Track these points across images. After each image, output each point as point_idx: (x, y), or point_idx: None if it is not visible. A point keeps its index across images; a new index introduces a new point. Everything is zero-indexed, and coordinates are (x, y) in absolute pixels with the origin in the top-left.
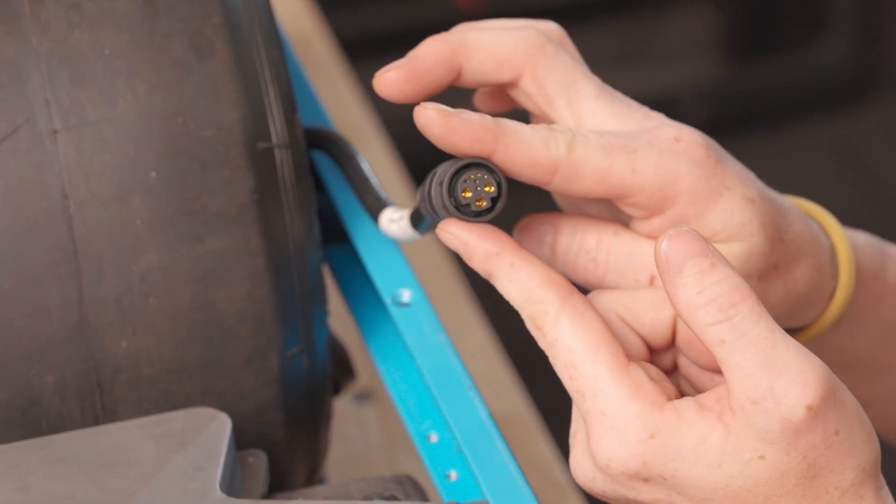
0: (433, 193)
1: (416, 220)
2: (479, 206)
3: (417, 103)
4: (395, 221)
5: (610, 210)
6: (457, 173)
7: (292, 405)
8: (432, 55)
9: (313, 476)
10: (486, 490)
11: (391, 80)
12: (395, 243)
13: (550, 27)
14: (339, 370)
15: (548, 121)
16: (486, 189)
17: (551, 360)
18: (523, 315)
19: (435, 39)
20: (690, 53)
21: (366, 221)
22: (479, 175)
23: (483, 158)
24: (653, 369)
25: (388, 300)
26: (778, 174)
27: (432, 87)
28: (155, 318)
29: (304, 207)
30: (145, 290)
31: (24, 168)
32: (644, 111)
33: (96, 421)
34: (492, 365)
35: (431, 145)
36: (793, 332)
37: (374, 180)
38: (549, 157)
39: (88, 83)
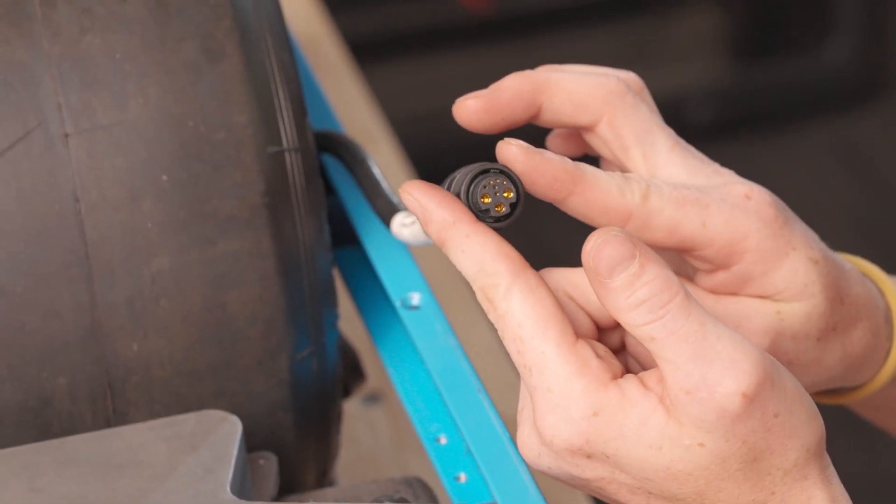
0: None
1: None
2: (499, 211)
3: (497, 136)
4: (406, 226)
5: (675, 262)
6: (475, 179)
7: (302, 407)
8: (514, 89)
9: (323, 478)
10: (496, 492)
11: (471, 108)
12: (405, 247)
13: (631, 77)
14: (349, 372)
15: (621, 169)
16: (506, 195)
17: (500, 333)
18: (475, 287)
19: (518, 75)
20: (696, 54)
21: (376, 225)
22: (498, 181)
23: (502, 165)
24: (600, 347)
25: (397, 303)
26: (783, 175)
27: (510, 121)
28: (166, 321)
29: (314, 211)
30: (157, 292)
31: (37, 171)
32: (715, 167)
33: (107, 423)
34: (499, 366)
35: (440, 148)
36: (847, 391)
37: (384, 184)
38: (623, 205)
39: (100, 87)
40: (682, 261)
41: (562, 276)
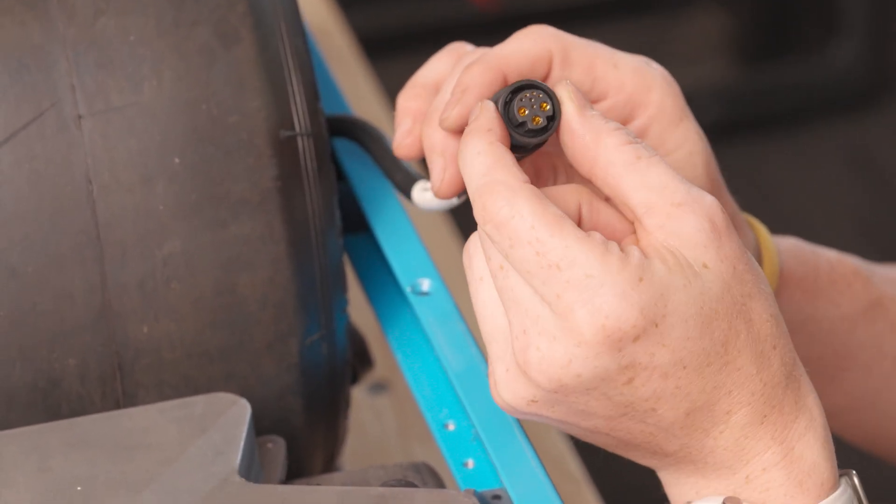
0: None
1: None
2: (536, 123)
3: None
4: (428, 190)
5: None
6: (513, 94)
7: (312, 392)
8: (481, 80)
9: (331, 464)
10: (505, 478)
11: (456, 117)
12: (415, 233)
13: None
14: (357, 358)
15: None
16: (542, 107)
17: (504, 242)
18: (480, 190)
19: (473, 67)
20: (703, 56)
21: (386, 211)
22: (534, 94)
23: (538, 81)
24: (596, 233)
25: (407, 289)
26: (789, 176)
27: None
28: (177, 303)
29: (325, 195)
30: (168, 275)
31: (50, 152)
32: None
33: (117, 405)
34: None
35: None
36: None
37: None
38: (544, 45)
39: (114, 69)
40: None
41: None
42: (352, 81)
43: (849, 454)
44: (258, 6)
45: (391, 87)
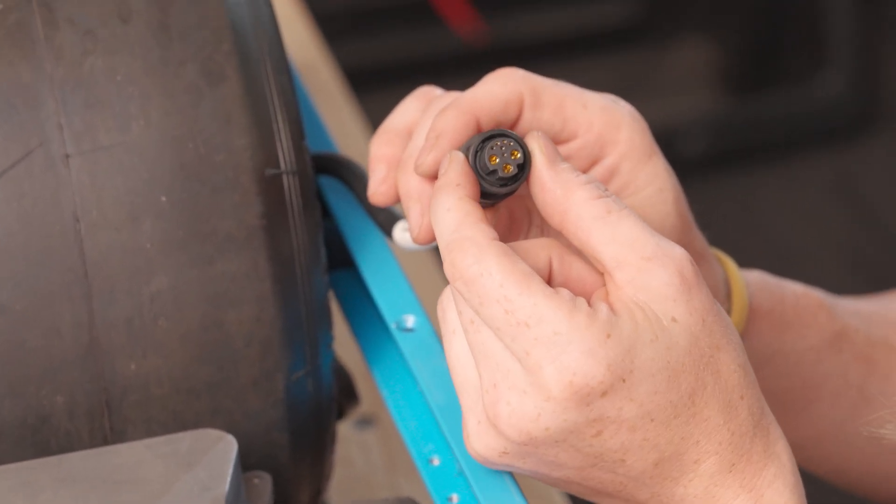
0: None
1: None
2: (507, 171)
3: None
4: (407, 231)
5: None
6: (483, 143)
7: (298, 427)
8: (454, 125)
9: (317, 499)
10: None
11: (431, 163)
12: (399, 270)
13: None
14: (343, 394)
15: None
16: (513, 156)
17: (474, 299)
18: (449, 247)
19: (447, 112)
20: (692, 87)
21: (371, 247)
22: (505, 142)
23: (508, 130)
24: (564, 290)
25: (392, 325)
26: (777, 207)
27: None
28: (164, 340)
29: (311, 232)
30: (155, 311)
31: (38, 191)
32: None
33: (105, 441)
34: None
35: None
36: None
37: None
38: (515, 88)
39: (102, 108)
40: None
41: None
42: (337, 116)
43: (817, 490)
44: (243, 44)
45: (377, 121)
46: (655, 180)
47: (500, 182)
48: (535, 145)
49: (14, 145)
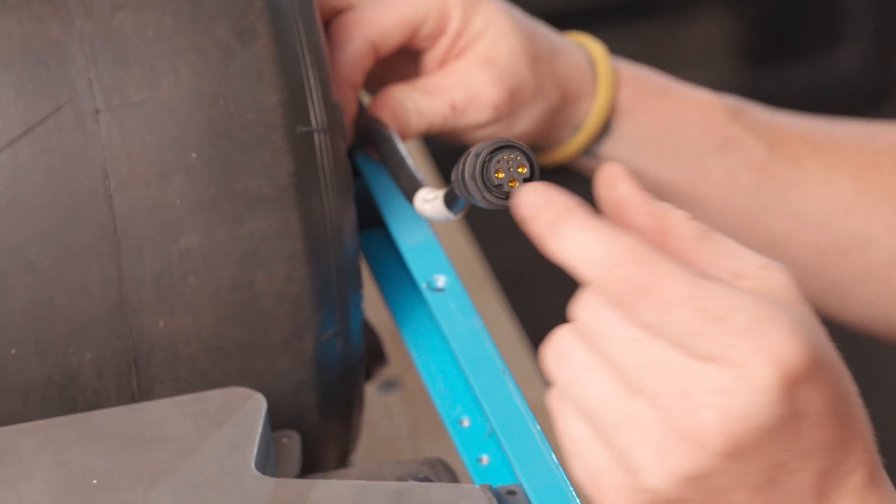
0: (467, 173)
1: (451, 200)
2: (512, 186)
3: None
4: (429, 201)
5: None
6: (491, 154)
7: (326, 388)
8: (358, 57)
9: (344, 460)
10: (521, 473)
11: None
12: (430, 229)
13: None
14: (371, 355)
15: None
16: (519, 170)
17: (659, 307)
18: (613, 263)
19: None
20: (708, 60)
21: (401, 207)
22: (512, 156)
23: (517, 141)
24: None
25: (423, 285)
26: None
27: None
28: (193, 298)
29: (341, 191)
30: (184, 270)
31: (67, 147)
32: None
33: (132, 399)
34: (518, 356)
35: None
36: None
37: (409, 161)
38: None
39: (131, 64)
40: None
41: None
42: None
43: None
44: (275, 3)
45: None
46: (490, 20)
47: (504, 195)
48: (619, 173)
49: (43, 101)
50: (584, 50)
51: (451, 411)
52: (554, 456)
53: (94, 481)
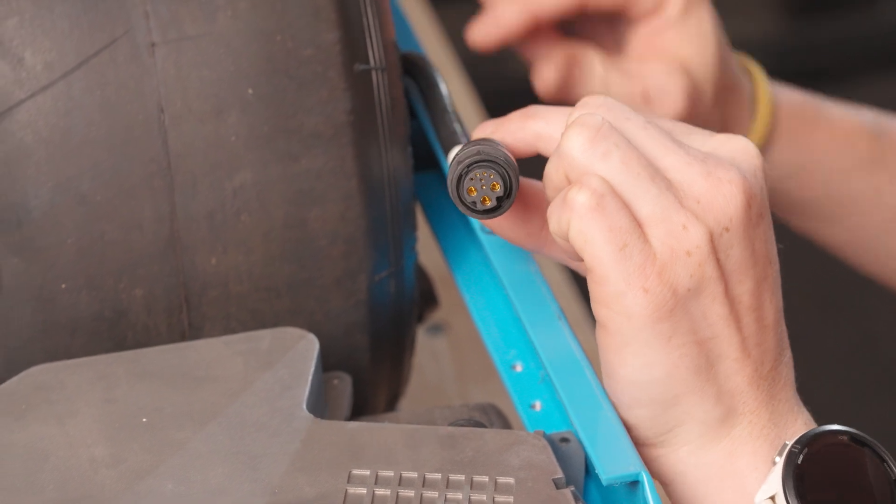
0: (447, 178)
1: None
2: (485, 204)
3: None
4: None
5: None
6: (468, 168)
7: (378, 329)
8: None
9: (394, 403)
10: (575, 419)
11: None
12: None
13: None
14: (423, 298)
15: None
16: (493, 188)
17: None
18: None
19: None
20: (751, 9)
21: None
22: (484, 174)
23: (499, 156)
24: None
25: (477, 227)
26: None
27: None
28: (246, 236)
29: (398, 132)
30: (238, 207)
31: (122, 79)
32: None
33: (182, 337)
34: (566, 302)
35: (509, 84)
36: None
37: (451, 113)
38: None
39: None
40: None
41: None
42: (414, 24)
43: None
44: None
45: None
46: (701, 24)
47: (481, 212)
48: None
49: (99, 33)
50: (747, 77)
51: (505, 356)
52: (609, 403)
53: (144, 420)
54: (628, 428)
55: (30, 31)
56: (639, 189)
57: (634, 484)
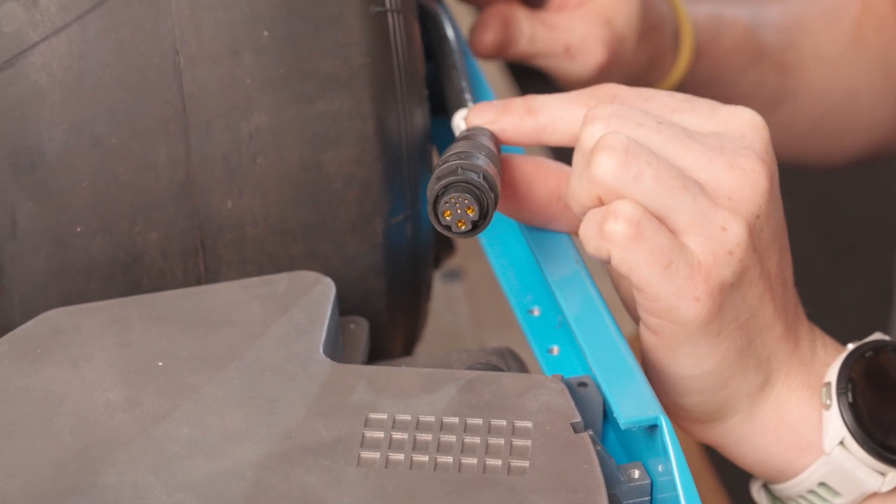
0: (427, 192)
1: None
2: (460, 227)
3: None
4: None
5: None
6: (444, 190)
7: (395, 273)
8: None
9: (410, 348)
10: (593, 365)
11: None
12: None
13: None
14: (439, 242)
15: None
16: (468, 212)
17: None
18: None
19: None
20: None
21: (473, 94)
22: (460, 198)
23: (476, 179)
24: None
25: None
26: None
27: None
28: (262, 179)
29: (414, 74)
30: (253, 149)
31: (137, 21)
32: None
33: (198, 281)
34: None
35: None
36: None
37: (459, 70)
38: None
39: None
40: None
41: None
42: None
43: None
44: None
45: None
46: None
47: (456, 233)
48: None
49: None
50: (672, 17)
51: (522, 301)
52: (627, 347)
53: (159, 363)
54: (678, 415)
55: None
56: (674, 201)
57: (653, 428)
